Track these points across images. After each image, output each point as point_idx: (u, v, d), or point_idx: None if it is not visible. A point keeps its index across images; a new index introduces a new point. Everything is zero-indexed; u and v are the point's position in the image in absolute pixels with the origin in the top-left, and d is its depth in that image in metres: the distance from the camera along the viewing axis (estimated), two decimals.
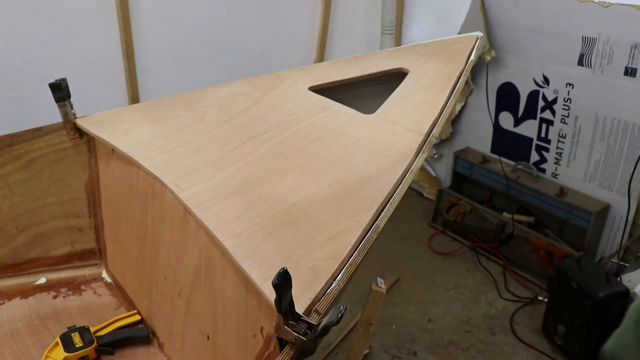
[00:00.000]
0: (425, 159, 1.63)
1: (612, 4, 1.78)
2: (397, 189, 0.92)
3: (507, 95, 2.21)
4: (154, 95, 2.09)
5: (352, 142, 1.05)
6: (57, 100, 1.09)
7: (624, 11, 1.75)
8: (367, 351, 1.72)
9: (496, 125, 2.29)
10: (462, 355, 1.71)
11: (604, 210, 1.95)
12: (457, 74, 1.22)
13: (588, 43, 1.88)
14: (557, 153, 2.10)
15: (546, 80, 2.05)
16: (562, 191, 2.03)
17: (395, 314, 1.89)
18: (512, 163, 2.22)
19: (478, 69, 2.25)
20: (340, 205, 0.89)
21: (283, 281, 0.60)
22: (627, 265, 1.79)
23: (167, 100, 1.24)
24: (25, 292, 1.14)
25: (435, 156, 2.60)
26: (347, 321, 1.81)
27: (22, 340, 1.02)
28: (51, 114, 1.14)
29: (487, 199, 2.34)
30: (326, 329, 0.62)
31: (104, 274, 1.22)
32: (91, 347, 0.98)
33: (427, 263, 2.16)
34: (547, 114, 2.09)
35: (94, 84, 1.93)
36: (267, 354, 0.74)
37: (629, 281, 1.61)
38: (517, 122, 2.21)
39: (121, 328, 1.06)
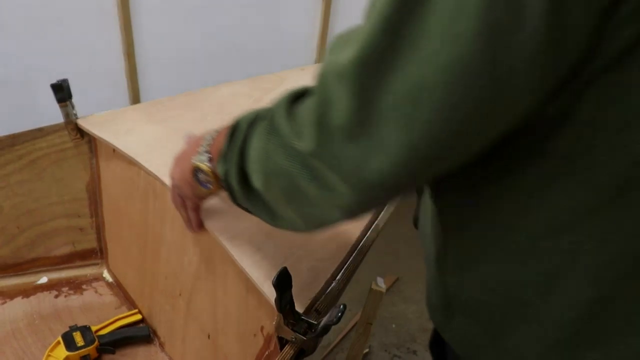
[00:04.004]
0: None
1: None
2: None
3: None
4: (154, 95, 2.09)
5: None
6: (58, 101, 1.09)
7: None
8: (367, 350, 1.72)
9: None
10: None
11: None
12: None
13: None
14: None
15: None
16: None
17: (395, 314, 1.89)
18: None
19: None
20: None
21: (283, 281, 0.61)
22: None
23: (168, 101, 1.24)
24: (27, 292, 1.14)
25: None
26: (347, 321, 1.81)
27: (24, 340, 1.03)
28: (51, 114, 1.15)
29: None
30: (326, 328, 0.62)
31: (105, 274, 1.22)
32: (92, 346, 0.98)
33: None
34: None
35: (95, 84, 1.94)
36: (267, 353, 0.75)
37: None
38: None
39: (122, 327, 1.06)
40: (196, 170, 0.64)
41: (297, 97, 0.49)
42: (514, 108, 0.38)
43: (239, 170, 0.55)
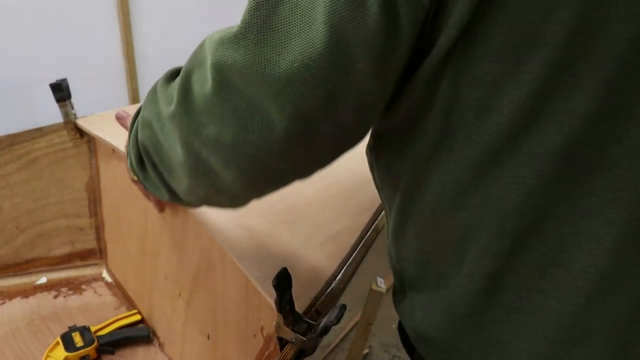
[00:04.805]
0: None
1: None
2: None
3: None
4: None
5: None
6: (57, 101, 1.09)
7: None
8: (367, 351, 1.72)
9: None
10: None
11: None
12: None
13: None
14: None
15: None
16: None
17: (395, 314, 1.89)
18: None
19: None
20: (340, 206, 0.89)
21: (283, 281, 0.61)
22: None
23: None
24: (26, 292, 1.14)
25: None
26: (347, 321, 1.81)
27: (23, 340, 1.02)
28: (52, 114, 1.15)
29: None
30: (326, 329, 0.62)
31: (105, 274, 1.22)
32: (92, 346, 0.98)
33: None
34: None
35: (94, 84, 1.94)
36: (267, 353, 0.75)
37: None
38: None
39: (122, 328, 1.06)
40: (133, 181, 0.71)
41: (179, 71, 0.53)
42: (362, 88, 0.42)
43: (136, 152, 0.60)
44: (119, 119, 0.81)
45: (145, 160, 0.58)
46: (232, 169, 0.47)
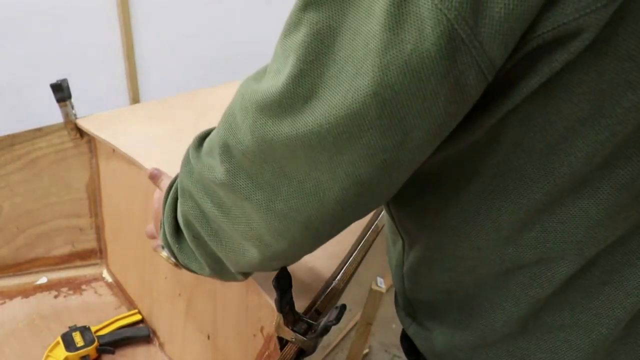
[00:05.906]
0: None
1: None
2: None
3: None
4: (154, 95, 2.09)
5: None
6: (58, 101, 1.09)
7: None
8: (367, 350, 1.72)
9: None
10: None
11: None
12: None
13: None
14: None
15: None
16: None
17: (395, 314, 1.89)
18: None
19: None
20: None
21: (283, 281, 0.61)
22: None
23: (168, 101, 1.24)
24: (27, 292, 1.14)
25: None
26: (347, 321, 1.81)
27: (24, 340, 1.03)
28: (52, 114, 1.15)
29: None
30: (326, 329, 0.62)
31: (105, 274, 1.22)
32: (92, 346, 0.98)
33: None
34: None
35: (95, 84, 1.94)
36: (267, 353, 0.75)
37: None
38: None
39: (122, 327, 1.06)
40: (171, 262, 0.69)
41: (207, 135, 0.52)
42: (418, 153, 0.39)
43: (173, 223, 0.57)
44: (153, 177, 0.76)
45: (184, 232, 0.55)
46: (284, 238, 0.46)
